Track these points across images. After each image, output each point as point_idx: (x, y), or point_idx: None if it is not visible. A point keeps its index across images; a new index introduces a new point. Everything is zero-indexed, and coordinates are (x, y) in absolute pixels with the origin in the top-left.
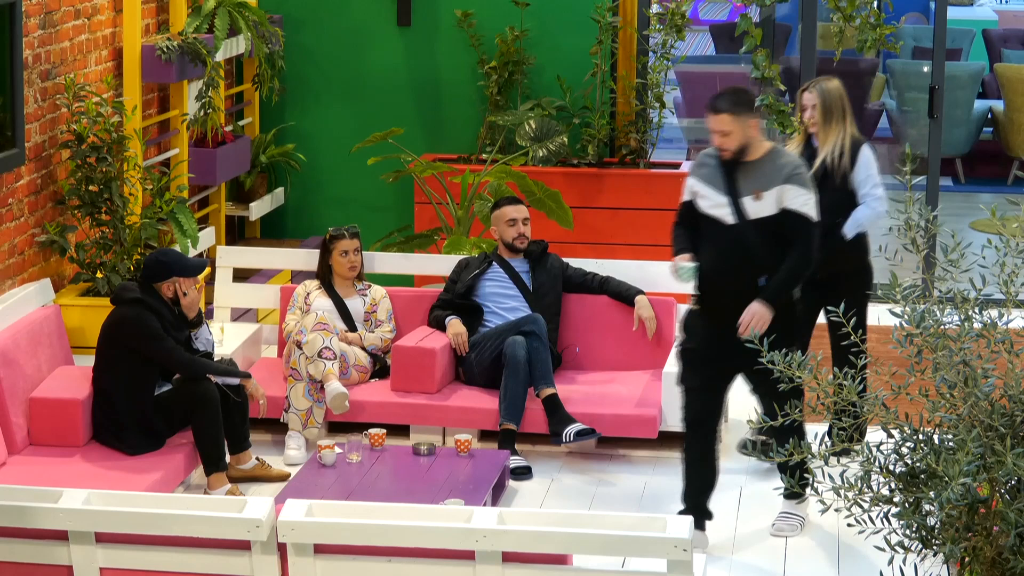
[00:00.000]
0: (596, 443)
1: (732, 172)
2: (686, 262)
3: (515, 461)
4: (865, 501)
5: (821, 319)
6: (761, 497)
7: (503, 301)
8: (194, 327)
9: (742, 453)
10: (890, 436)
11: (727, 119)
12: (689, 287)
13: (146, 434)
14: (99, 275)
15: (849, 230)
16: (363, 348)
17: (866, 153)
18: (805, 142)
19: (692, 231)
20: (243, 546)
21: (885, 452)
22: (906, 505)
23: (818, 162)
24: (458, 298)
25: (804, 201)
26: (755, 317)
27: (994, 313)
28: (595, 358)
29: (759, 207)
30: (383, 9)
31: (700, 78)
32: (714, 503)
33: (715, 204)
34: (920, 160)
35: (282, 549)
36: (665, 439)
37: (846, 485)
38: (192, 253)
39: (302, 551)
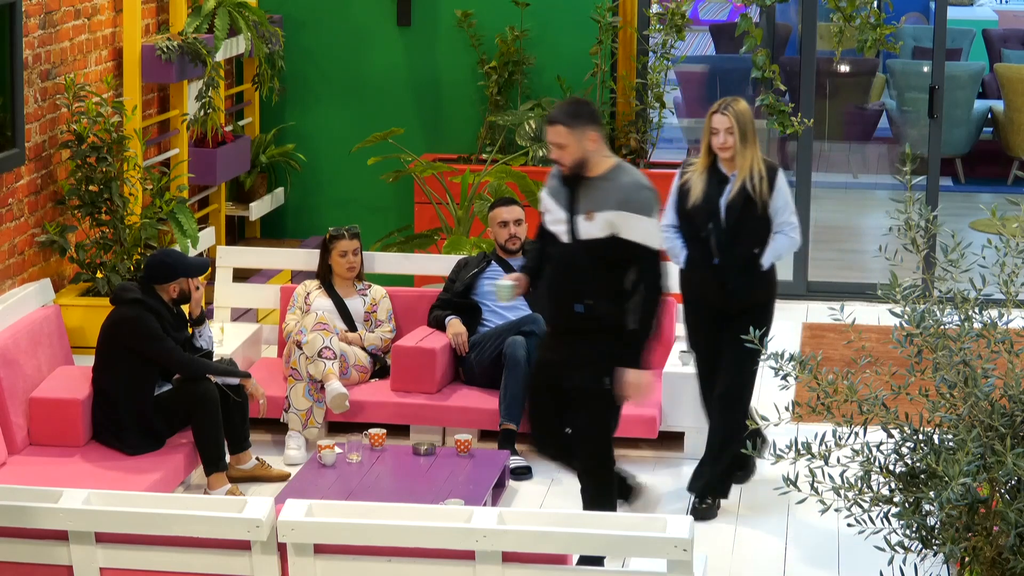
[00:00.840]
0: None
1: (574, 188)
2: (505, 280)
3: (515, 461)
4: (865, 501)
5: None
6: (761, 497)
7: None
8: (198, 325)
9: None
10: (890, 436)
11: (562, 131)
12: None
13: (146, 434)
14: (99, 275)
15: (767, 260)
16: (363, 348)
17: (782, 178)
18: (710, 167)
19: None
20: (243, 546)
21: (885, 452)
22: (906, 505)
23: (736, 189)
24: (457, 297)
25: (642, 229)
26: (634, 391)
27: (994, 313)
28: None
29: (590, 228)
30: (383, 9)
31: (700, 78)
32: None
33: (556, 220)
34: (920, 160)
35: (282, 549)
36: (665, 439)
37: (846, 485)
38: (192, 253)
39: (302, 551)
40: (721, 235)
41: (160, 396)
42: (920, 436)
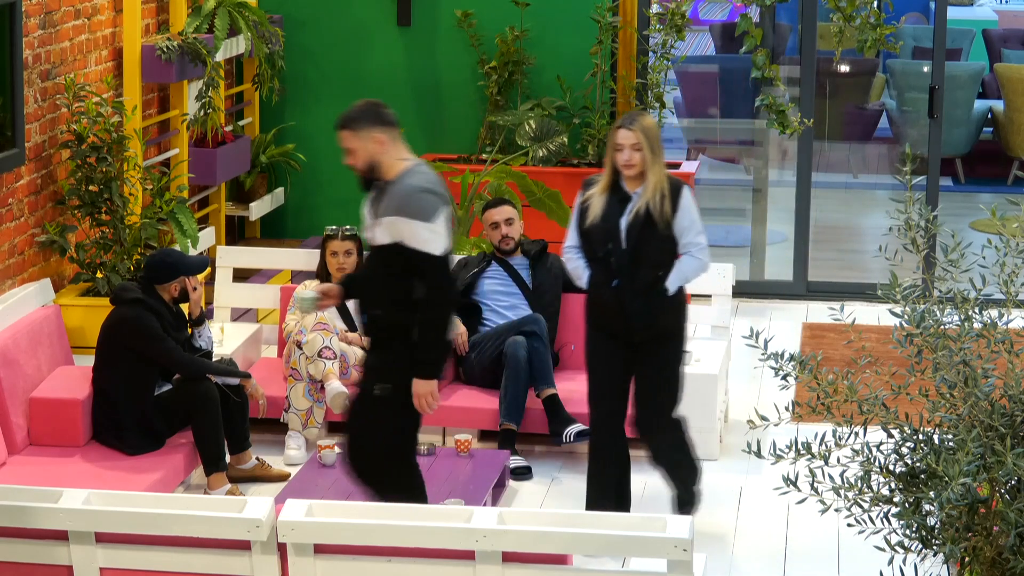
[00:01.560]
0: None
1: (374, 193)
2: (307, 291)
3: (515, 461)
4: (865, 501)
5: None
6: (761, 497)
7: (503, 299)
8: (197, 325)
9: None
10: (890, 436)
11: (346, 135)
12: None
13: (146, 434)
14: (99, 275)
15: (672, 284)
16: (363, 348)
17: (687, 196)
18: (612, 185)
19: None
20: (243, 546)
21: (885, 452)
22: (906, 505)
23: (640, 208)
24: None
25: (418, 235)
26: (417, 400)
27: (994, 313)
28: None
29: (378, 234)
30: (383, 9)
31: (700, 78)
32: (715, 503)
33: (366, 226)
34: (920, 160)
35: (282, 549)
36: None
37: (846, 485)
38: (192, 253)
39: (302, 551)
40: (621, 257)
41: (160, 396)
42: (920, 436)
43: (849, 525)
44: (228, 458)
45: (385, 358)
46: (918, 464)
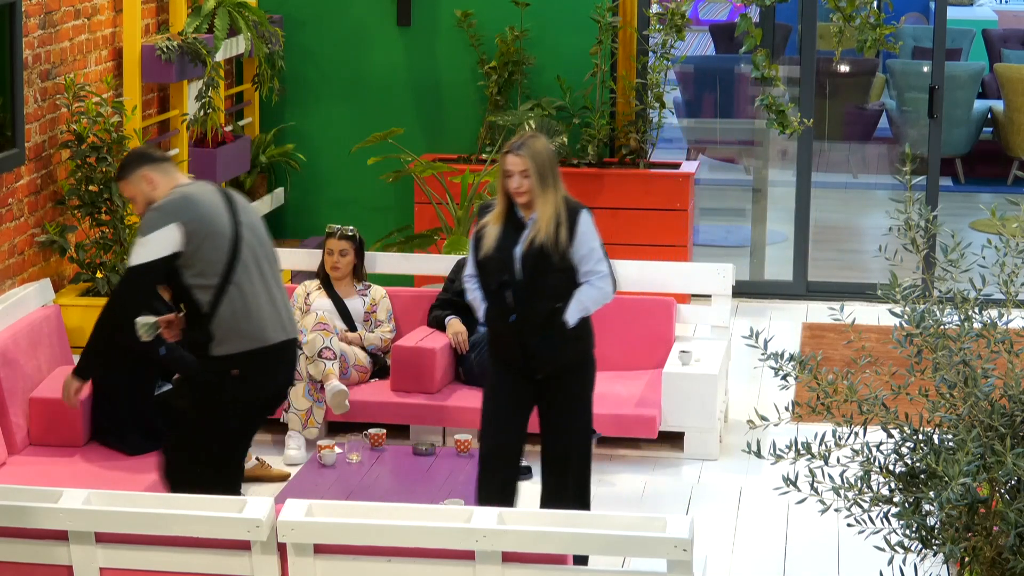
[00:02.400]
0: (596, 443)
1: None
2: (146, 317)
3: None
4: (865, 501)
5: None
6: (761, 497)
7: None
8: None
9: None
10: (890, 436)
11: (121, 186)
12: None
13: (146, 434)
14: (99, 275)
15: (572, 316)
16: (363, 348)
17: (585, 221)
18: (507, 213)
19: None
20: (243, 546)
21: (885, 452)
22: (906, 505)
23: (535, 237)
24: (456, 296)
25: (135, 249)
26: (63, 394)
27: (994, 313)
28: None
29: None
30: (383, 9)
31: (700, 78)
32: (715, 503)
33: None
34: (920, 160)
35: (282, 549)
36: (665, 439)
37: (846, 485)
38: None
39: (302, 551)
40: (518, 289)
41: (160, 396)
42: (920, 436)
43: (849, 525)
44: None
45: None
46: (918, 464)
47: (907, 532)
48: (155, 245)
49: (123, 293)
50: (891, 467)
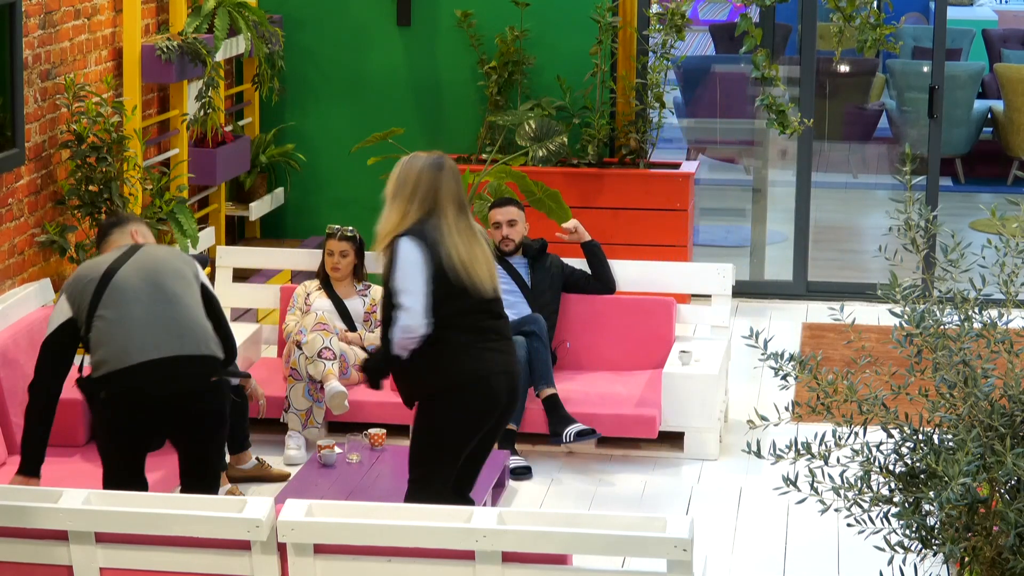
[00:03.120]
0: (596, 443)
1: None
2: None
3: (515, 461)
4: (865, 501)
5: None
6: (761, 497)
7: (502, 296)
8: None
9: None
10: (890, 436)
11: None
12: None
13: None
14: None
15: (390, 352)
16: (363, 348)
17: (400, 249)
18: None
19: None
20: (243, 546)
21: (885, 452)
22: (906, 505)
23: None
24: None
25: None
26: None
27: (994, 313)
28: (595, 358)
29: None
30: (383, 9)
31: (700, 78)
32: (715, 503)
33: None
34: (920, 160)
35: (282, 549)
36: (665, 439)
37: (846, 485)
38: (192, 253)
39: (302, 551)
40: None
41: None
42: (920, 436)
43: (849, 525)
44: (228, 458)
45: None
46: (918, 464)
47: (907, 532)
48: (53, 318)
49: (36, 368)
50: (891, 467)
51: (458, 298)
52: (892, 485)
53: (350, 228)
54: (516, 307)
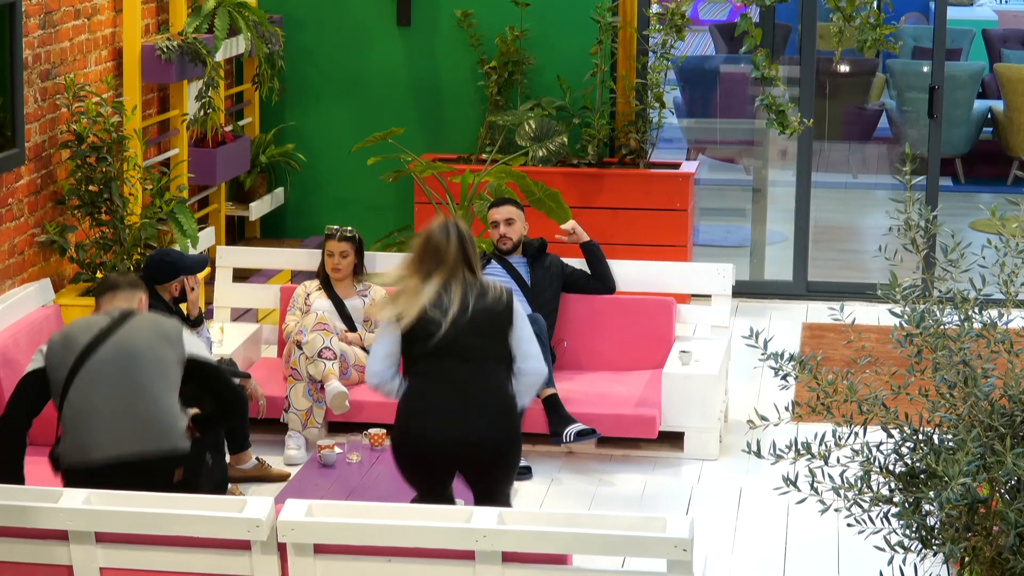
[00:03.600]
0: (596, 443)
1: None
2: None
3: None
4: (865, 501)
5: None
6: (761, 497)
7: None
8: (195, 326)
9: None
10: (890, 436)
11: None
12: None
13: None
14: (99, 275)
15: None
16: (363, 348)
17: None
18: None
19: None
20: (243, 546)
21: (885, 452)
22: (906, 505)
23: None
24: None
25: None
26: None
27: (994, 313)
28: (595, 358)
29: None
30: (383, 9)
31: (700, 78)
32: (715, 503)
33: None
34: (920, 160)
35: (282, 549)
36: (665, 439)
37: (846, 485)
38: (192, 253)
39: (302, 551)
40: None
41: None
42: (920, 436)
43: (849, 525)
44: (228, 458)
45: None
46: (918, 464)
47: (907, 532)
48: (34, 359)
49: (7, 404)
50: (891, 467)
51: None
52: (892, 485)
53: (349, 228)
54: None
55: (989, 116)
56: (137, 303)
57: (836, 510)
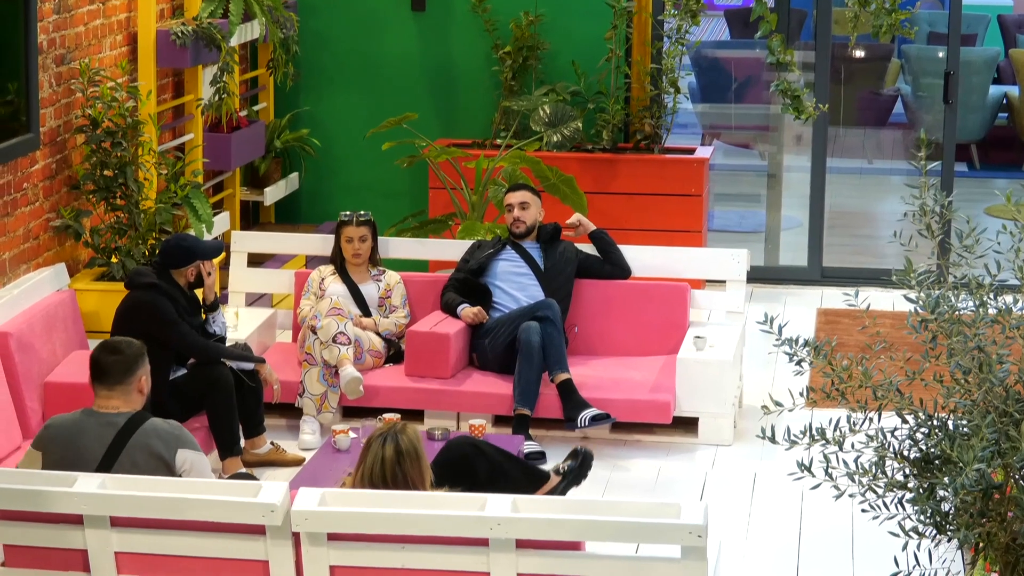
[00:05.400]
0: (610, 428)
1: None
2: None
3: (529, 446)
4: (879, 487)
5: None
6: (775, 483)
7: (515, 279)
8: (211, 311)
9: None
10: (904, 422)
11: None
12: None
13: (161, 417)
14: (114, 260)
15: None
16: (377, 333)
17: None
18: None
19: None
20: (258, 531)
21: (899, 438)
22: (920, 491)
23: None
24: (471, 275)
25: None
26: None
27: (1009, 299)
28: (609, 343)
29: None
30: None
31: (715, 63)
32: (729, 489)
33: None
34: (935, 146)
35: (296, 537)
36: (679, 424)
37: (860, 471)
38: (207, 238)
39: (316, 540)
40: None
41: (175, 380)
42: (935, 422)
43: (863, 511)
44: (243, 443)
45: None
46: (932, 450)
47: (921, 518)
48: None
49: None
50: (905, 453)
51: None
52: (907, 471)
53: (363, 212)
54: (529, 291)
55: (1004, 102)
56: (137, 385)
57: (850, 496)
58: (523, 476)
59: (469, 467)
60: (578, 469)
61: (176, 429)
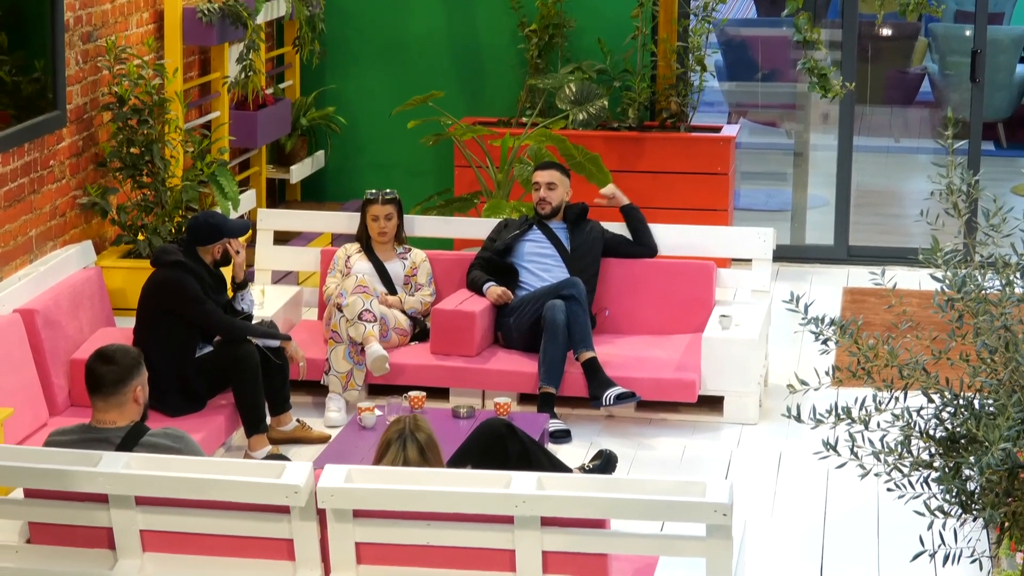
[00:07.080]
0: (635, 407)
1: None
2: None
3: (554, 424)
4: (905, 466)
5: None
6: (800, 462)
7: (541, 260)
8: (241, 288)
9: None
10: (931, 401)
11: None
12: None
13: (187, 396)
14: (140, 237)
15: None
16: (403, 311)
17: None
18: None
19: None
20: (282, 510)
21: (925, 417)
22: (946, 470)
23: None
24: (496, 255)
25: None
26: None
27: None
28: (634, 322)
29: None
30: None
31: (742, 41)
32: (754, 468)
33: None
34: (962, 124)
35: (321, 514)
36: (704, 403)
37: (886, 450)
38: (233, 216)
39: (341, 517)
40: None
41: (201, 358)
42: (960, 401)
43: (889, 490)
44: (269, 420)
45: None
46: (958, 429)
47: (947, 497)
48: None
49: None
50: (931, 432)
51: None
52: (932, 450)
53: (388, 191)
54: (554, 271)
55: None
56: (132, 395)
57: (876, 475)
58: (551, 467)
59: (502, 446)
60: (602, 469)
61: (175, 440)
